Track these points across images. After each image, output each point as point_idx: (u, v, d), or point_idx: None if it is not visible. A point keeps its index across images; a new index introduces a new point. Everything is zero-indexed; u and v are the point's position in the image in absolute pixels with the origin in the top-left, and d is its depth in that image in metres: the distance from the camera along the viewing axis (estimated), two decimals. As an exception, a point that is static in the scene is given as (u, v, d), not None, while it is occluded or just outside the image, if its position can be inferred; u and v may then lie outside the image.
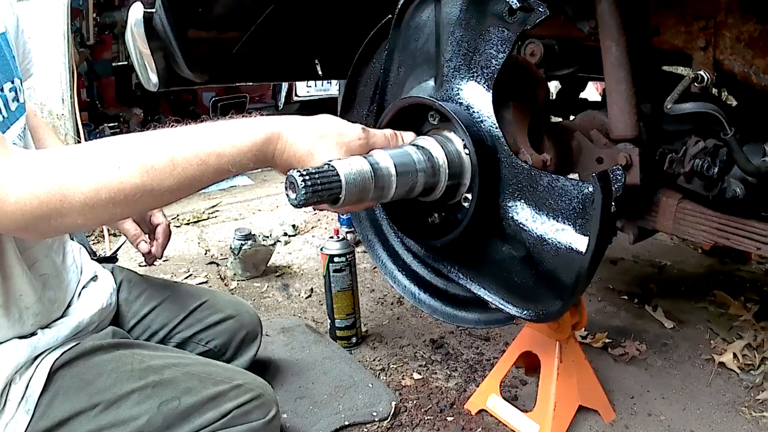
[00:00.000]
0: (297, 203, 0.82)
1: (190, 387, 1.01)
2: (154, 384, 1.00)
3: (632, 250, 2.44)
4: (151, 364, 1.04)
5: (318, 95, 4.73)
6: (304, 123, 0.89)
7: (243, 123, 0.87)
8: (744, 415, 1.44)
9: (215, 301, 1.40)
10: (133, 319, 1.31)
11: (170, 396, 0.99)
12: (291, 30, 1.73)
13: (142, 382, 1.00)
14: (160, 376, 1.01)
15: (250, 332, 1.40)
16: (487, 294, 1.13)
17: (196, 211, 3.38)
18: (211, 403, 1.00)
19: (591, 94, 2.92)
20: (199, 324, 1.34)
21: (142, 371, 1.01)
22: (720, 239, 1.24)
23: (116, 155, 0.78)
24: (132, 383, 0.99)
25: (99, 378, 0.99)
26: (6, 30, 0.97)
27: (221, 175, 0.84)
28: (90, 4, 4.46)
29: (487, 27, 1.05)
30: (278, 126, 0.87)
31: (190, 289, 1.45)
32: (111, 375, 1.00)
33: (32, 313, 0.99)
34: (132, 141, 0.81)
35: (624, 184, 0.94)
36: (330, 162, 0.86)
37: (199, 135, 0.83)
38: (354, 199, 0.89)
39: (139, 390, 0.99)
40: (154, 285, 1.38)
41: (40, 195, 0.72)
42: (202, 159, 0.81)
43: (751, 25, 1.09)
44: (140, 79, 1.68)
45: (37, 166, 0.74)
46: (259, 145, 0.85)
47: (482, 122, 1.07)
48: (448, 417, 1.45)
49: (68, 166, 0.75)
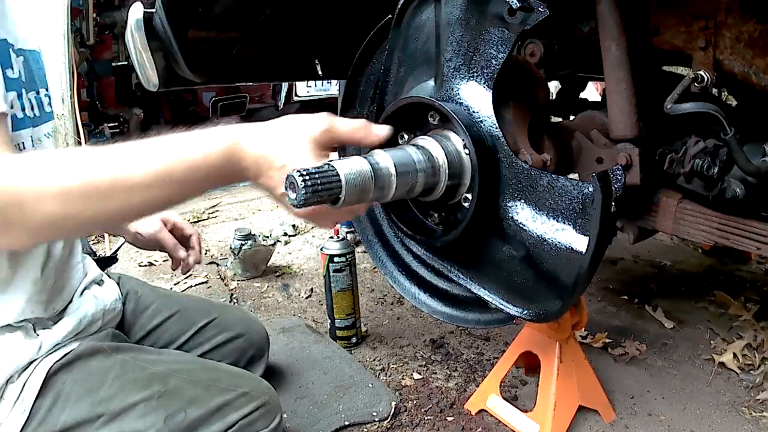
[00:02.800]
0: (297, 203, 0.82)
1: (196, 397, 1.00)
2: (159, 394, 0.98)
3: (632, 250, 2.44)
4: (155, 371, 1.02)
5: (318, 95, 4.73)
6: (263, 128, 0.83)
7: (192, 137, 0.79)
8: (744, 415, 1.44)
9: (224, 319, 1.36)
10: (140, 332, 1.28)
11: (176, 408, 0.97)
12: (291, 30, 1.73)
13: (146, 392, 0.98)
14: (165, 385, 0.99)
15: (258, 351, 1.38)
16: (487, 294, 1.13)
17: (196, 211, 3.38)
18: (217, 415, 0.99)
19: (591, 94, 2.92)
20: (208, 344, 1.31)
21: (146, 379, 1.00)
22: (720, 239, 1.24)
23: (54, 174, 0.72)
24: (136, 393, 0.97)
25: (102, 386, 0.97)
26: (40, 50, 1.08)
27: (167, 202, 0.78)
28: (90, 4, 4.46)
29: (487, 27, 1.05)
30: (235, 136, 0.80)
31: (199, 304, 1.41)
32: (114, 383, 0.98)
33: (35, 293, 0.97)
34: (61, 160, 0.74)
35: (624, 184, 0.94)
36: (330, 162, 0.86)
37: (135, 155, 0.75)
38: (354, 199, 0.89)
39: (144, 401, 0.97)
40: (162, 298, 1.35)
41: None
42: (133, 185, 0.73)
43: (751, 25, 1.09)
44: (140, 79, 1.68)
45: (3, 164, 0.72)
46: (216, 160, 0.78)
47: (482, 122, 1.07)
48: (448, 417, 1.45)
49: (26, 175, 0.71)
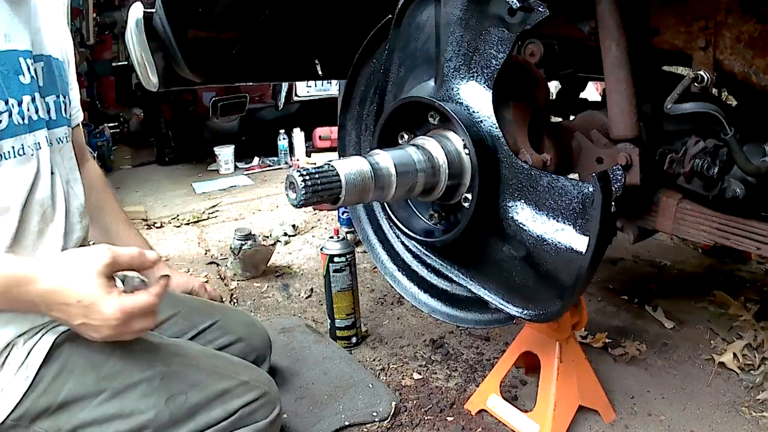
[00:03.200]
0: (297, 203, 0.82)
1: (198, 381, 1.01)
2: (161, 375, 0.99)
3: (632, 250, 2.44)
4: (159, 352, 1.03)
5: (318, 95, 4.73)
6: (51, 265, 0.85)
7: None
8: (744, 415, 1.44)
9: (227, 322, 1.35)
10: None
11: (178, 390, 0.98)
12: (291, 30, 1.73)
13: (149, 371, 0.99)
14: (168, 366, 1.01)
15: (259, 356, 1.37)
16: (487, 294, 1.13)
17: (196, 211, 3.38)
18: (218, 400, 1.00)
19: (591, 94, 2.92)
20: (210, 345, 1.29)
21: (150, 359, 1.00)
22: (720, 239, 1.24)
23: None
24: (140, 372, 0.98)
25: (107, 362, 0.98)
26: (65, 60, 1.15)
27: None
28: (90, 4, 4.47)
29: (487, 27, 1.05)
30: (27, 269, 0.83)
31: (202, 305, 1.39)
32: (119, 360, 0.98)
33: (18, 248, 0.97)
34: None
35: (624, 184, 0.95)
36: (330, 162, 0.87)
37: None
38: (354, 199, 0.89)
39: (146, 381, 0.98)
40: (165, 298, 1.35)
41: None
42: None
43: (751, 25, 1.09)
44: (140, 79, 1.68)
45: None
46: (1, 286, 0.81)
47: (482, 122, 1.07)
48: (448, 417, 1.45)
49: None
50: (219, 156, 4.47)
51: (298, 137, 4.61)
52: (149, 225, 3.20)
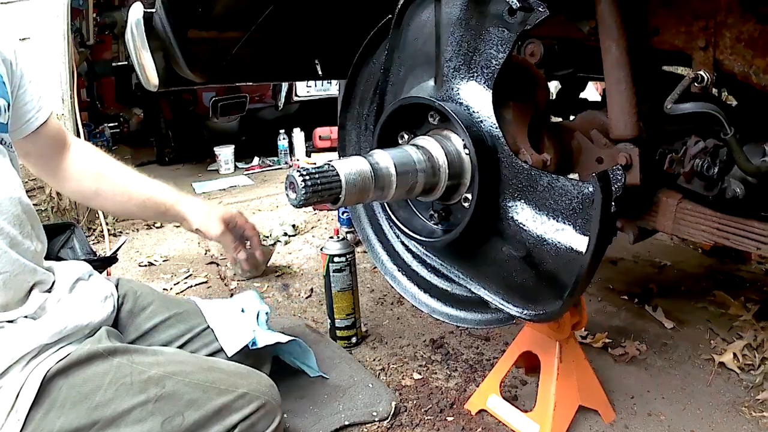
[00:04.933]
0: (297, 203, 0.82)
1: (194, 399, 0.98)
2: (156, 398, 0.96)
3: (632, 250, 2.44)
4: (152, 374, 1.00)
5: (318, 95, 4.74)
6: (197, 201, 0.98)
7: None
8: (744, 415, 1.44)
9: None
10: (134, 333, 1.25)
11: (173, 412, 0.96)
12: (291, 30, 1.73)
13: (143, 396, 0.96)
14: (162, 388, 0.98)
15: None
16: (487, 294, 1.13)
17: (196, 211, 3.37)
18: (216, 417, 0.98)
19: (591, 94, 2.92)
20: (205, 348, 1.29)
21: (142, 383, 0.98)
22: (720, 239, 1.24)
23: None
24: (132, 398, 0.96)
25: (97, 391, 0.96)
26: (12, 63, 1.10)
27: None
28: (90, 4, 4.47)
29: (487, 27, 1.05)
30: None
31: (199, 308, 1.39)
32: (110, 388, 0.96)
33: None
34: None
35: (624, 184, 0.94)
36: (330, 162, 0.87)
37: None
38: (354, 199, 0.89)
39: (140, 406, 0.96)
40: (161, 300, 1.33)
41: None
42: None
43: (751, 25, 1.09)
44: (140, 79, 1.68)
45: None
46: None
47: (482, 122, 1.07)
48: (448, 417, 1.45)
49: None
50: (219, 156, 4.47)
51: (298, 137, 4.61)
52: (149, 225, 3.20)
